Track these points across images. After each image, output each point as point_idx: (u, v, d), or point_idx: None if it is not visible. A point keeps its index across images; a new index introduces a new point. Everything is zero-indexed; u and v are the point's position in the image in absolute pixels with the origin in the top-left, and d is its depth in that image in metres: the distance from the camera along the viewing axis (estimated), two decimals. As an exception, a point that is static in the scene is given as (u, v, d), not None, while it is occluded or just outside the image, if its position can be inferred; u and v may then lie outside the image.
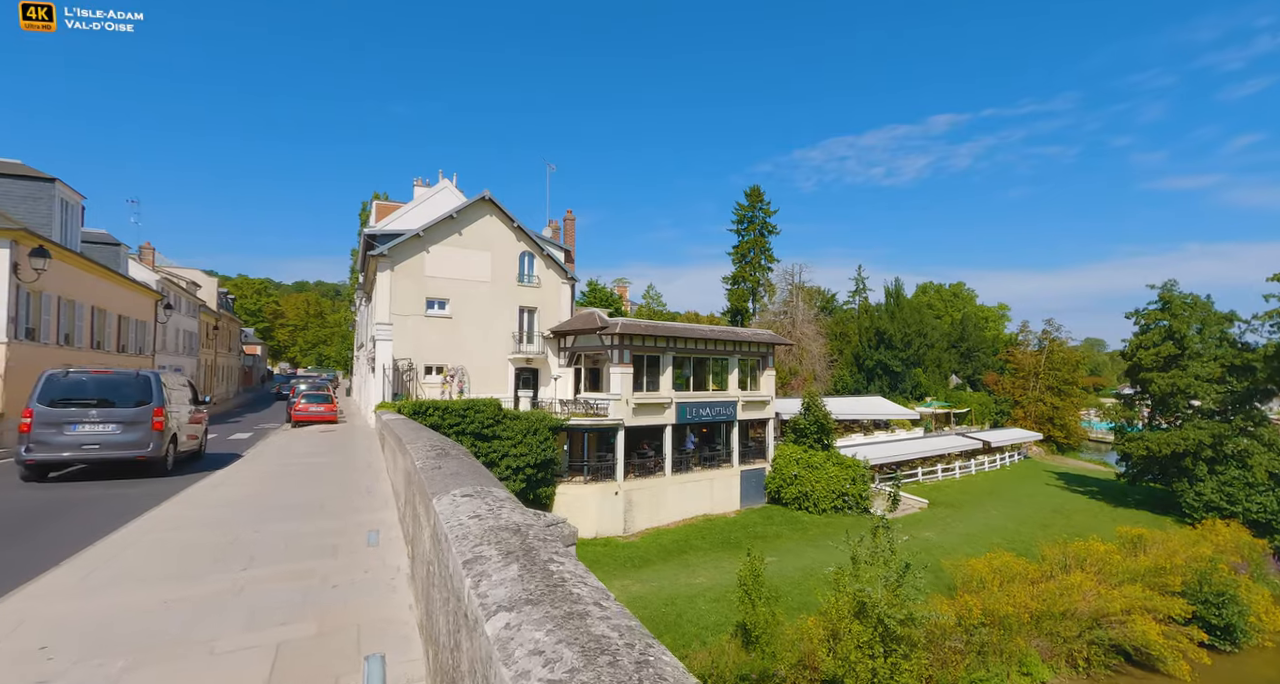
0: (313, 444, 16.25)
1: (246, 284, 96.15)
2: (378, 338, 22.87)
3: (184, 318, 37.19)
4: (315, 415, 24.55)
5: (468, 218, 26.16)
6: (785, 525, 26.34)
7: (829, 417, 30.32)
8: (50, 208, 19.91)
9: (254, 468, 11.55)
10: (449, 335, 25.34)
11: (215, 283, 48.58)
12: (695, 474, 27.54)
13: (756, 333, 30.39)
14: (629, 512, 25.06)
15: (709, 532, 25.20)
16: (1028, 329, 62.87)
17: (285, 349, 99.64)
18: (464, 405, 21.97)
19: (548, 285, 28.26)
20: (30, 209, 19.53)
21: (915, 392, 53.63)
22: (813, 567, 20.66)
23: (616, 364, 25.22)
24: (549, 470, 23.67)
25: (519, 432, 22.89)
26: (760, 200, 59.31)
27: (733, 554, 22.55)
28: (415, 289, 24.67)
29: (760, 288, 59.74)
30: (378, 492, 9.17)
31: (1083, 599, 16.90)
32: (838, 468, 28.70)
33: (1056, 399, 58.05)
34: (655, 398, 26.20)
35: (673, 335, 26.55)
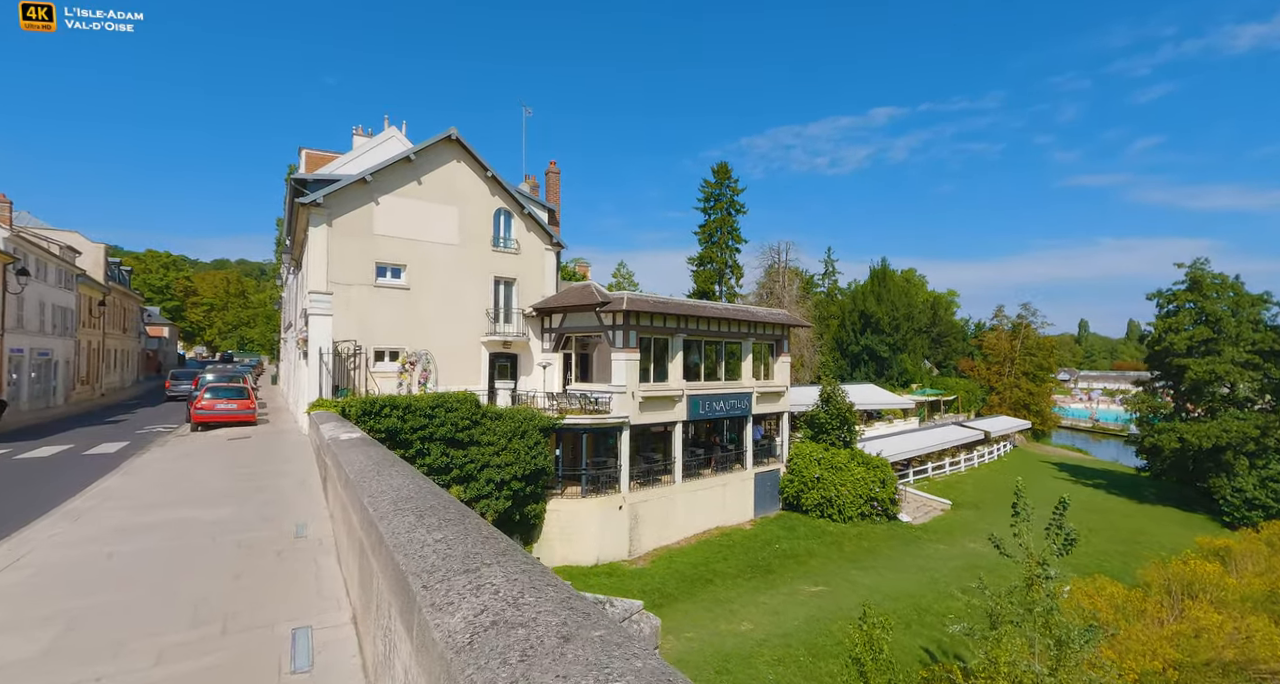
0: (206, 470, 10.76)
1: (152, 257, 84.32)
2: (311, 312, 17.10)
3: (52, 289, 29.51)
4: (225, 415, 18.54)
5: (429, 162, 20.51)
6: (812, 539, 22.51)
7: (853, 409, 26.66)
8: None
9: (47, 555, 6.13)
10: (407, 311, 19.81)
11: (102, 250, 40.01)
12: (706, 480, 23.25)
13: (773, 313, 26.25)
14: (635, 529, 20.52)
15: (728, 551, 21.02)
16: (1002, 314, 62.07)
17: (200, 331, 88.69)
18: (431, 402, 16.68)
19: (529, 252, 23.01)
20: None
21: (901, 378, 51.41)
22: (877, 600, 16.79)
23: (620, 348, 20.44)
24: (539, 482, 18.78)
25: (502, 434, 17.85)
26: (728, 178, 55.41)
27: (767, 582, 18.49)
28: (361, 251, 18.96)
29: (728, 269, 56.17)
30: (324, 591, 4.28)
31: (1228, 644, 13.71)
32: (863, 468, 25.12)
33: (1032, 385, 57.51)
34: (665, 389, 21.62)
35: (685, 314, 21.96)
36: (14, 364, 25.12)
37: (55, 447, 15.01)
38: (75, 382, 32.16)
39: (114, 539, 5.93)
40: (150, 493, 8.46)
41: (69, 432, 18.73)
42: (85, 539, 5.93)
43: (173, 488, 8.86)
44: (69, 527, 6.50)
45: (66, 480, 10.41)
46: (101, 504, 7.63)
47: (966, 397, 51.08)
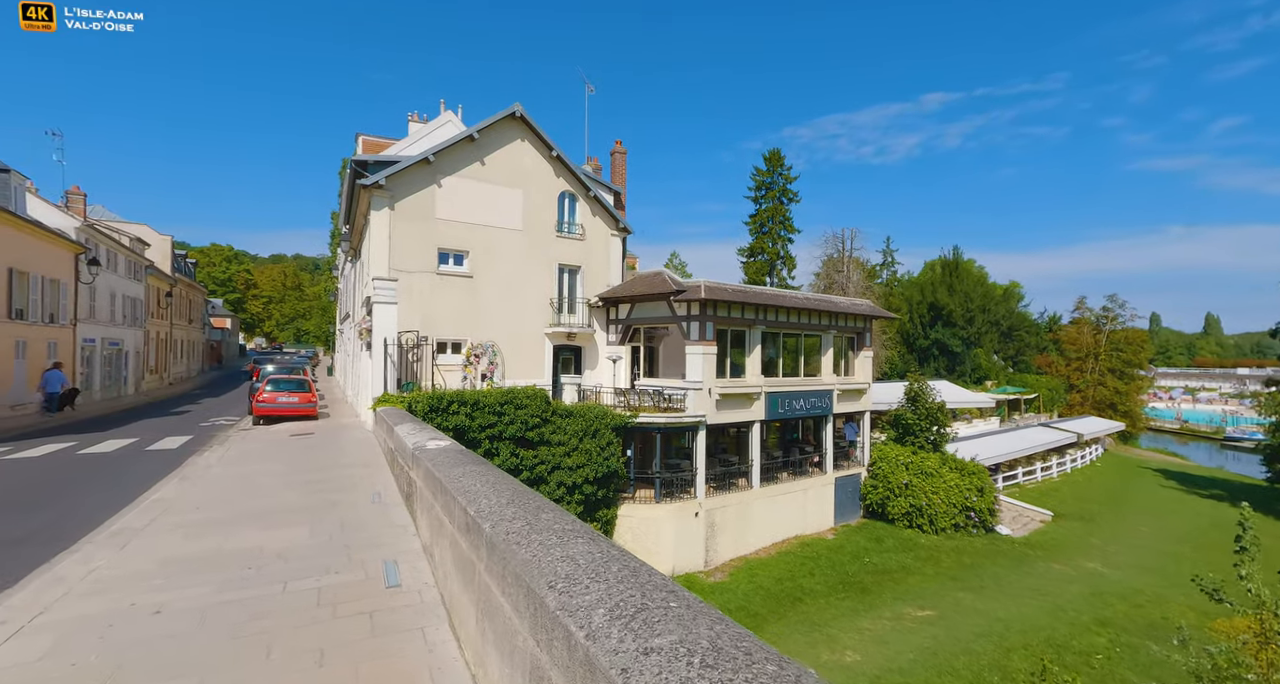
0: (270, 476, 9.68)
1: (215, 251, 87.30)
2: (376, 300, 16.06)
3: (123, 280, 29.86)
4: (287, 408, 17.83)
5: (492, 141, 19.21)
6: (904, 551, 20.40)
7: (944, 409, 24.26)
8: None
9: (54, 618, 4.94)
10: (469, 301, 18.63)
11: (169, 242, 40.81)
12: (785, 485, 21.39)
13: (855, 304, 24.03)
14: (711, 537, 18.91)
15: (814, 563, 19.16)
16: (1084, 305, 57.28)
17: (259, 323, 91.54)
18: (500, 398, 15.42)
19: (594, 237, 21.53)
20: None
21: (974, 375, 47.99)
22: (997, 631, 14.67)
23: (696, 341, 18.76)
24: (610, 486, 17.37)
25: (573, 434, 16.48)
26: (780, 165, 52.90)
27: (865, 603, 16.56)
28: (423, 236, 17.84)
29: (780, 261, 53.64)
30: None
31: None
32: (957, 475, 22.76)
33: (1119, 383, 52.87)
34: (742, 386, 19.85)
35: (765, 304, 20.08)
36: (86, 354, 25.34)
37: (119, 441, 14.43)
38: (144, 371, 32.67)
39: (163, 581, 4.65)
40: (209, 506, 7.31)
41: (134, 423, 18.38)
42: (127, 579, 4.68)
43: (234, 499, 7.72)
44: (112, 557, 5.29)
45: (124, 483, 9.50)
46: (154, 522, 6.47)
47: (1049, 395, 47.23)
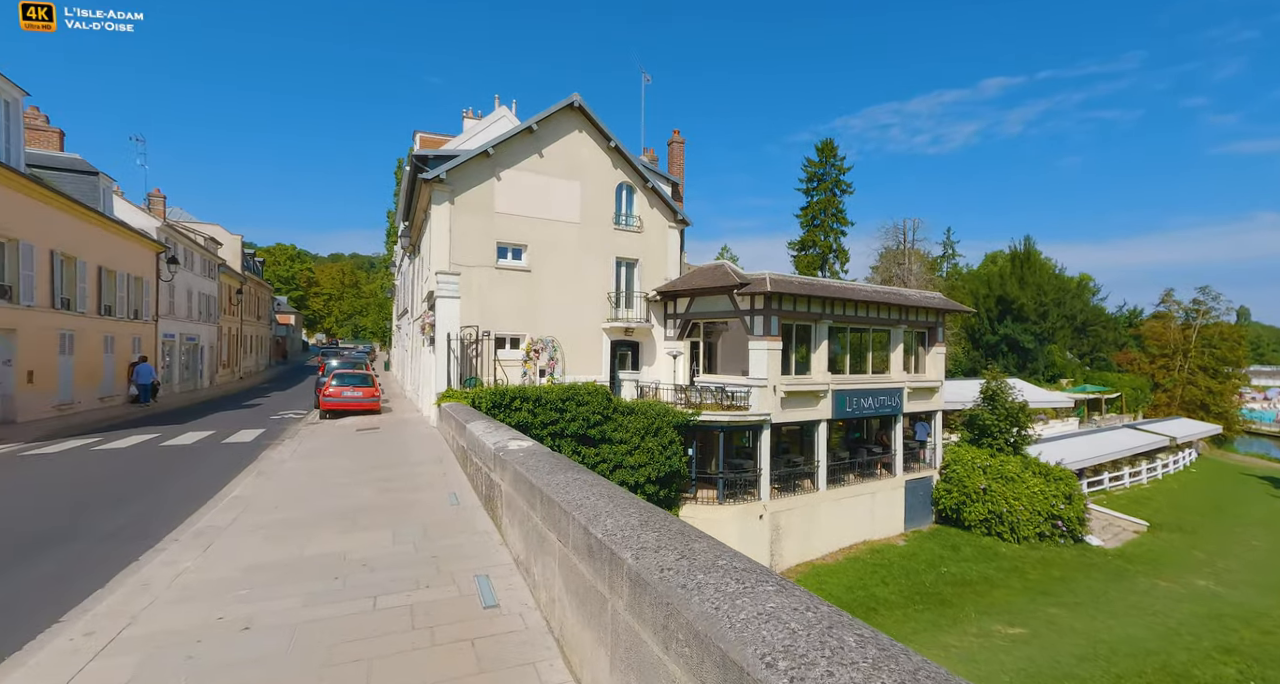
0: (343, 474, 9.57)
1: (280, 250, 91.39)
2: (439, 294, 15.97)
3: (198, 278, 31.24)
4: (351, 403, 18.09)
5: (550, 132, 18.88)
6: (984, 562, 19.06)
7: (1025, 409, 22.60)
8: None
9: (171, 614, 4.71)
10: (527, 295, 18.40)
11: (239, 242, 42.66)
12: (852, 487, 20.34)
13: (926, 296, 22.64)
14: (776, 541, 18.12)
15: (885, 571, 18.10)
16: (1171, 298, 52.97)
17: (320, 319, 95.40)
18: (561, 394, 15.09)
19: (652, 229, 20.96)
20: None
21: (1047, 372, 45.06)
22: (1103, 654, 13.36)
23: (760, 336, 17.95)
24: (672, 486, 16.80)
25: (634, 432, 15.99)
26: (833, 155, 51.07)
27: (946, 616, 15.45)
28: (482, 230, 17.69)
29: (832, 254, 51.75)
30: None
31: None
32: (1041, 480, 21.13)
33: (1212, 382, 48.67)
34: (809, 384, 18.92)
35: (833, 297, 19.06)
36: (166, 348, 26.58)
37: (197, 433, 14.83)
38: (218, 365, 34.20)
39: (248, 591, 4.36)
40: (287, 504, 7.14)
41: (211, 416, 19.01)
42: (213, 587, 4.41)
43: (310, 497, 7.54)
44: (197, 559, 5.08)
45: (203, 476, 9.57)
46: (235, 522, 6.30)
47: (1132, 395, 43.86)
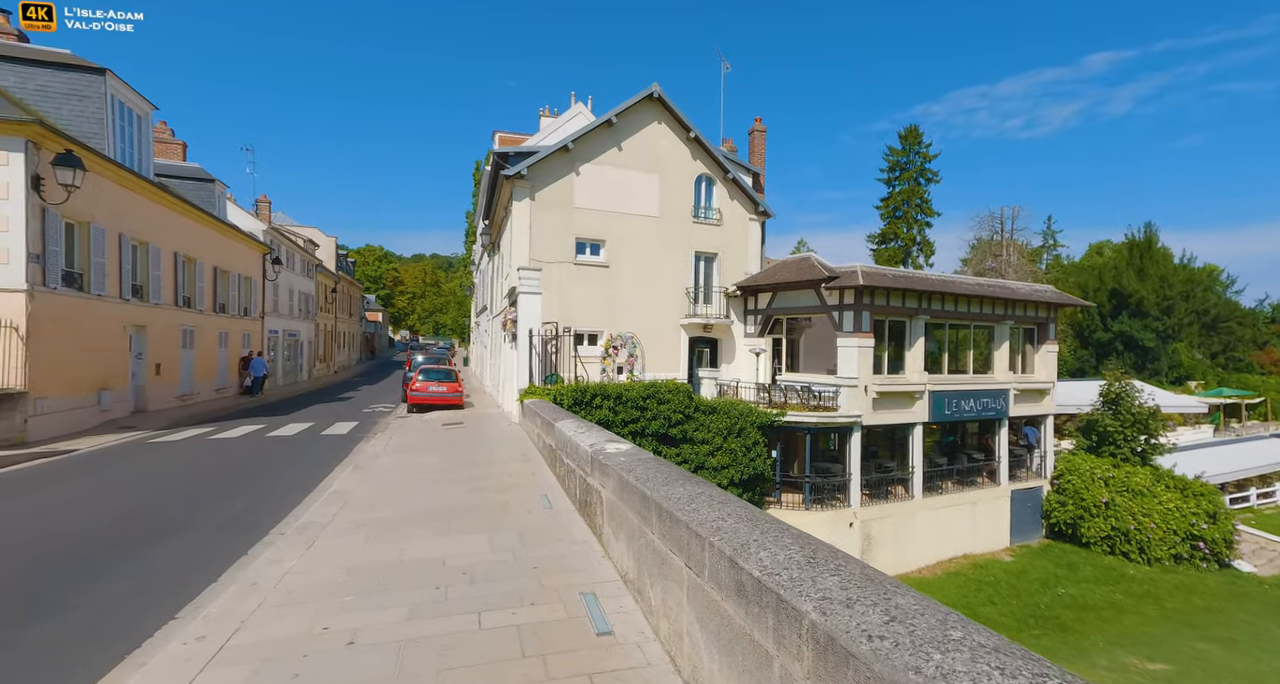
0: (434, 470, 9.60)
1: (369, 251, 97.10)
2: (521, 290, 16.02)
3: (299, 277, 33.40)
4: (437, 397, 18.59)
5: (629, 125, 18.52)
6: (1107, 584, 17.03)
7: (1158, 415, 20.09)
8: (100, 110, 14.57)
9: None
10: (605, 291, 18.16)
11: (334, 243, 45.46)
12: (951, 496, 18.79)
13: (1036, 290, 20.56)
14: (867, 551, 16.98)
15: (992, 589, 16.53)
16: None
17: (404, 317, 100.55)
18: (642, 392, 14.73)
19: (731, 222, 20.19)
20: (75, 112, 14.28)
21: (1171, 373, 40.31)
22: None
23: (850, 333, 16.83)
24: (756, 489, 16.07)
25: (716, 432, 15.38)
26: (918, 143, 47.98)
27: (1067, 644, 13.84)
28: (562, 226, 17.59)
29: (916, 247, 48.47)
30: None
31: None
32: (1177, 495, 18.67)
33: (1381, 388, 41.90)
34: (903, 384, 17.60)
35: (930, 291, 17.61)
36: (271, 344, 28.55)
37: (299, 425, 15.61)
38: (315, 360, 36.52)
39: (352, 598, 4.21)
40: (383, 502, 7.13)
41: (309, 408, 20.09)
42: (318, 591, 4.30)
43: (404, 494, 7.53)
44: (301, 558, 5.03)
45: (305, 467, 9.92)
46: (335, 518, 6.32)
47: (1277, 398, 38.45)
